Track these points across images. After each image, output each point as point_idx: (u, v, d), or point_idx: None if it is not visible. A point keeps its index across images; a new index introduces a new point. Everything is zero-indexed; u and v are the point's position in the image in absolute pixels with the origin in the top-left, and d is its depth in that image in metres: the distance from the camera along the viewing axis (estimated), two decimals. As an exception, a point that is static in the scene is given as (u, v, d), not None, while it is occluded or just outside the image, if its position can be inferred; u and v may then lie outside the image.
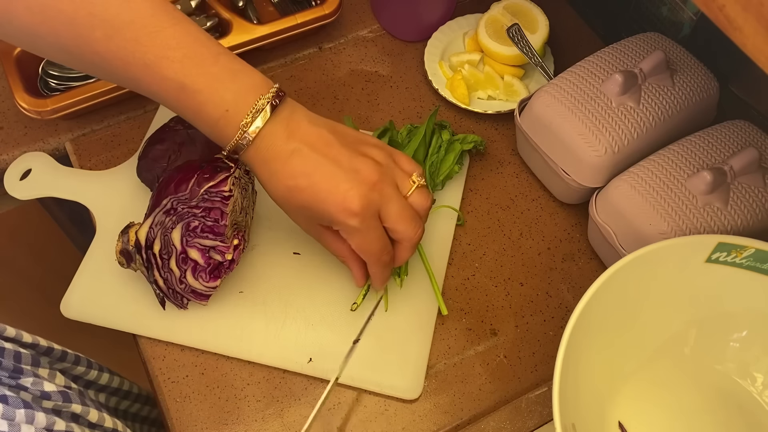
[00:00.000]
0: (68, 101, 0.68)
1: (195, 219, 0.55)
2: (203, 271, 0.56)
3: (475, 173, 0.71)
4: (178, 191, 0.55)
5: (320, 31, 0.79)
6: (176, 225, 0.55)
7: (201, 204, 0.54)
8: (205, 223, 0.55)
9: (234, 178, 0.55)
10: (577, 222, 0.69)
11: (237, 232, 0.57)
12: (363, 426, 0.57)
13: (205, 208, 0.55)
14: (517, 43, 0.72)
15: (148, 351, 0.60)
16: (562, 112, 0.63)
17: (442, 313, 0.62)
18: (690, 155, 0.59)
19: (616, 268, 0.51)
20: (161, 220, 0.55)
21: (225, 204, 0.55)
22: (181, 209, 0.55)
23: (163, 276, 0.57)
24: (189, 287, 0.57)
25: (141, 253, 0.56)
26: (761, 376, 0.56)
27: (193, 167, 0.56)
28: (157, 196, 0.56)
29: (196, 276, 0.56)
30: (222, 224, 0.55)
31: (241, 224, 0.58)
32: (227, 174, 0.55)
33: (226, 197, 0.55)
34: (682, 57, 0.66)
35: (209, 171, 0.55)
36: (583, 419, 0.50)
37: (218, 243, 0.55)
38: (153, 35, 0.45)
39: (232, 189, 0.55)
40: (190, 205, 0.55)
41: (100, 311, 0.61)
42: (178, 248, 0.55)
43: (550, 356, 0.61)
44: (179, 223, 0.55)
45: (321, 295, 0.62)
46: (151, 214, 0.55)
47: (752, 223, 0.57)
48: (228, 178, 0.55)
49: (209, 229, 0.55)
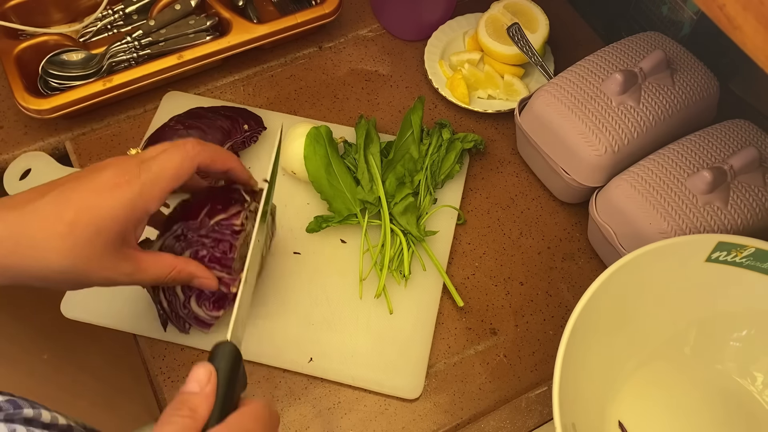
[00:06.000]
0: (68, 100, 0.68)
1: (204, 248, 0.53)
2: (207, 299, 0.55)
3: (476, 172, 0.71)
4: (189, 218, 0.53)
5: (320, 30, 0.79)
6: (184, 251, 0.53)
7: (211, 234, 0.53)
8: (213, 254, 0.53)
9: (248, 212, 0.54)
10: (577, 221, 0.69)
11: None
12: (363, 425, 0.57)
13: (214, 238, 0.53)
14: (518, 42, 0.72)
15: (148, 351, 0.60)
16: (563, 112, 0.63)
17: (458, 305, 0.62)
18: (690, 154, 0.59)
19: (616, 267, 0.51)
20: (171, 244, 0.54)
21: (235, 237, 0.53)
22: (191, 236, 0.53)
23: (167, 298, 0.56)
24: (192, 313, 0.56)
25: None
26: (761, 376, 0.56)
27: (208, 195, 0.54)
28: (168, 219, 0.55)
29: (200, 303, 0.56)
30: (230, 257, 0.53)
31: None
32: (240, 209, 0.53)
33: (237, 231, 0.53)
34: (682, 56, 0.66)
35: (222, 202, 0.53)
36: (583, 418, 0.50)
37: (224, 275, 0.54)
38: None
39: (244, 223, 0.53)
40: (200, 234, 0.53)
41: (101, 311, 0.61)
42: None
43: (550, 355, 0.61)
44: (188, 249, 0.53)
45: (321, 295, 0.62)
46: (162, 237, 0.54)
47: (752, 222, 0.57)
48: (241, 213, 0.53)
49: (217, 260, 0.53)
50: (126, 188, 0.45)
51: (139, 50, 0.73)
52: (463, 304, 0.62)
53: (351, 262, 0.64)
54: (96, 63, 0.72)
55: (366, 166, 0.66)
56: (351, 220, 0.64)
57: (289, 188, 0.68)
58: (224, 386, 0.40)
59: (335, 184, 0.65)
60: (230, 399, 0.41)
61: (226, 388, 0.41)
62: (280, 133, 0.55)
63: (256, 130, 0.69)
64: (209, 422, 0.39)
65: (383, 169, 0.66)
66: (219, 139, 0.66)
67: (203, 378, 0.40)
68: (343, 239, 0.65)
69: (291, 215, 0.66)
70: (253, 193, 0.55)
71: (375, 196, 0.64)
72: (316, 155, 0.65)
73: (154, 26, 0.74)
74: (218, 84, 0.76)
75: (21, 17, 0.73)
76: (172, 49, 0.73)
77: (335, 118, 0.74)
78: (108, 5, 0.75)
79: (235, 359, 0.42)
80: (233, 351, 0.42)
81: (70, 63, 0.71)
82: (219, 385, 0.40)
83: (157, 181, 0.46)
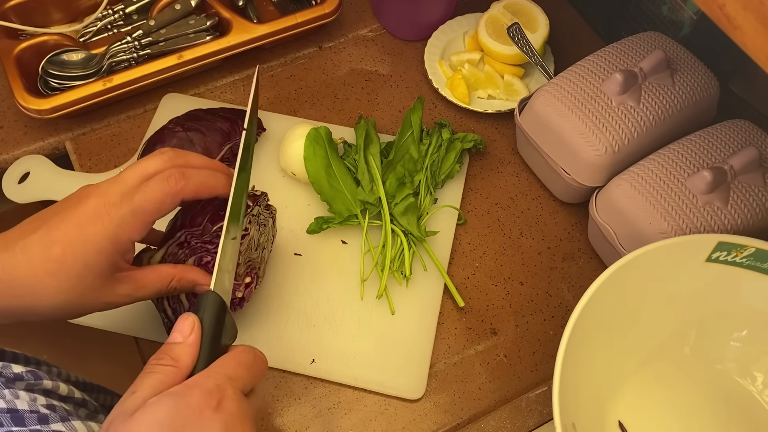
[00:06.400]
0: (68, 100, 0.68)
1: (207, 254, 0.53)
2: None
3: (476, 172, 0.71)
4: (192, 225, 0.53)
5: (320, 30, 0.79)
6: (188, 258, 0.53)
7: (214, 240, 0.52)
8: None
9: (251, 216, 0.53)
10: (577, 221, 0.69)
11: (251, 269, 0.56)
12: (363, 425, 0.57)
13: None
14: (518, 42, 0.72)
15: (148, 351, 0.60)
16: (563, 112, 0.63)
17: (458, 305, 0.62)
18: (690, 154, 0.59)
19: (616, 267, 0.51)
20: (174, 251, 0.53)
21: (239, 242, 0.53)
22: (194, 243, 0.53)
23: (172, 306, 0.56)
24: None
25: None
26: (761, 376, 0.56)
27: (210, 200, 0.53)
28: (171, 226, 0.54)
29: None
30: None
31: (255, 261, 0.56)
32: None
33: (241, 236, 0.52)
34: (682, 56, 0.66)
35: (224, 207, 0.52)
36: (583, 418, 0.50)
37: None
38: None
39: (248, 228, 0.53)
40: (204, 240, 0.53)
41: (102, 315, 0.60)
42: None
43: (550, 355, 0.61)
44: (192, 256, 0.53)
45: (322, 296, 0.62)
46: (165, 245, 0.54)
47: (752, 222, 0.57)
48: (245, 217, 0.53)
49: None
50: (107, 220, 0.44)
51: (139, 50, 0.73)
52: (464, 304, 0.62)
53: (352, 263, 0.64)
54: (96, 63, 0.72)
55: (366, 166, 0.66)
56: (351, 221, 0.64)
57: (289, 189, 0.68)
58: (210, 336, 0.41)
59: (335, 185, 0.65)
60: (216, 348, 0.41)
61: (212, 337, 0.41)
62: (255, 76, 0.54)
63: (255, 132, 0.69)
64: (194, 371, 0.39)
65: (383, 170, 0.66)
66: (218, 141, 0.66)
67: (186, 328, 0.41)
68: (344, 240, 0.65)
69: (291, 216, 0.66)
70: (255, 197, 0.54)
71: (375, 197, 0.64)
72: (316, 156, 0.65)
73: (154, 26, 0.74)
74: (218, 84, 0.76)
75: (21, 17, 0.73)
76: (172, 49, 0.73)
77: (335, 118, 0.74)
78: (108, 5, 0.75)
79: (220, 308, 0.42)
80: (217, 300, 0.42)
81: (70, 63, 0.71)
82: (204, 335, 0.41)
83: (138, 214, 0.45)
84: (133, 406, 0.37)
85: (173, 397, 0.37)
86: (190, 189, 0.48)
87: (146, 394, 0.38)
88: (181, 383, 0.39)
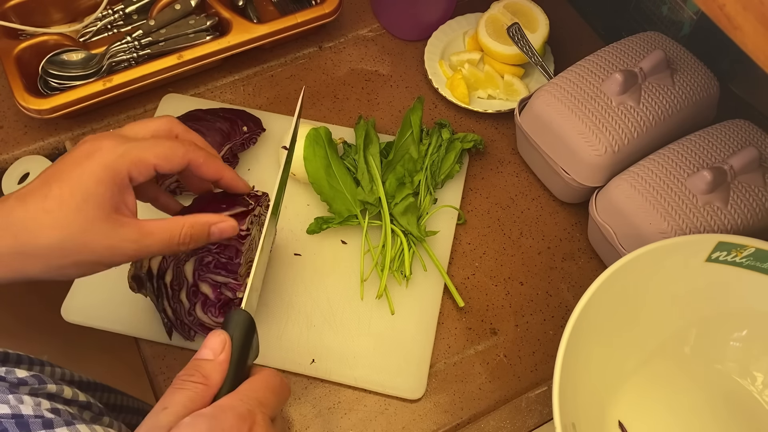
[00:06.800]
0: (68, 100, 0.68)
1: (209, 254, 0.53)
2: (213, 306, 0.55)
3: (475, 172, 0.71)
4: None
5: (320, 30, 0.79)
6: (189, 258, 0.53)
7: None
8: (219, 260, 0.53)
9: (253, 216, 0.53)
10: (577, 221, 0.69)
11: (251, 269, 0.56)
12: (363, 425, 0.57)
13: (219, 244, 0.53)
14: (518, 42, 0.72)
15: (148, 351, 0.60)
16: (563, 112, 0.63)
17: (458, 305, 0.62)
18: (690, 154, 0.59)
19: (616, 267, 0.51)
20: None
21: (241, 243, 0.53)
22: None
23: (172, 306, 0.56)
24: (197, 320, 0.56)
25: (152, 281, 0.55)
26: (761, 376, 0.56)
27: (212, 201, 0.53)
28: None
29: (205, 310, 0.55)
30: (236, 262, 0.53)
31: None
32: (245, 213, 0.53)
33: (242, 236, 0.53)
34: (682, 56, 0.66)
35: (227, 207, 0.53)
36: (583, 418, 0.50)
37: (230, 280, 0.54)
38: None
39: (249, 228, 0.53)
40: None
41: (101, 315, 0.60)
42: (190, 281, 0.54)
43: (550, 355, 0.61)
44: (193, 256, 0.53)
45: (322, 296, 0.62)
46: None
47: (752, 222, 0.57)
48: (246, 218, 0.52)
49: (223, 265, 0.53)
50: (106, 152, 0.44)
51: (139, 50, 0.73)
52: (464, 304, 0.62)
53: (352, 263, 0.64)
54: (96, 63, 0.72)
55: (366, 166, 0.66)
56: (351, 221, 0.64)
57: (289, 190, 0.68)
58: (237, 355, 0.40)
59: (335, 185, 0.65)
60: (242, 367, 0.41)
61: (239, 356, 0.40)
62: (300, 99, 0.53)
63: (255, 132, 0.69)
64: (221, 390, 0.39)
65: (383, 170, 0.66)
66: (218, 141, 0.66)
67: (217, 346, 0.40)
68: (344, 240, 0.65)
69: (291, 217, 0.66)
70: (257, 198, 0.54)
71: (375, 197, 0.64)
72: (316, 156, 0.65)
73: (154, 26, 0.74)
74: (218, 84, 0.76)
75: (21, 17, 0.73)
76: (172, 49, 0.73)
77: (335, 118, 0.74)
78: (108, 5, 0.75)
79: (249, 328, 0.42)
80: (247, 319, 0.42)
81: (70, 63, 0.71)
82: (232, 354, 0.40)
83: (144, 149, 0.45)
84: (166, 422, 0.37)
85: (208, 420, 0.37)
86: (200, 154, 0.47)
87: (178, 410, 0.37)
88: (213, 404, 0.38)
